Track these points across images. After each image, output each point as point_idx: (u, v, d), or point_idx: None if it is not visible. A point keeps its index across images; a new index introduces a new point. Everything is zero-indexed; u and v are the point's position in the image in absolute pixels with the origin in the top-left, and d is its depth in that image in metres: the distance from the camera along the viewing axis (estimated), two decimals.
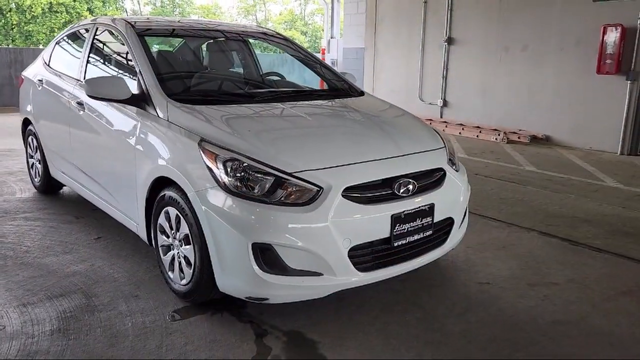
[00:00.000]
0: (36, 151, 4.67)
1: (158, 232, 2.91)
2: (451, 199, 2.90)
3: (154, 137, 2.87)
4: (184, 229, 2.65)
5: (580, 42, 7.70)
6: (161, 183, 2.82)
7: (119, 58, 3.63)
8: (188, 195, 2.54)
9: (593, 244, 3.78)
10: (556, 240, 3.86)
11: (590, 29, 7.51)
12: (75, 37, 4.31)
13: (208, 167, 2.48)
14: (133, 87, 3.06)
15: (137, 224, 3.15)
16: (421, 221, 2.69)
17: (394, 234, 2.58)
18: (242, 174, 2.42)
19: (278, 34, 4.34)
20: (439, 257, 2.94)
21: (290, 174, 2.42)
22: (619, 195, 5.21)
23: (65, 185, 4.66)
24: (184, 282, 2.74)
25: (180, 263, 2.77)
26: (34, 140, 4.65)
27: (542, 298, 2.93)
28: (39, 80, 4.41)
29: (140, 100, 3.03)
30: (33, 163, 4.83)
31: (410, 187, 2.65)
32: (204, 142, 2.57)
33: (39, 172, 4.70)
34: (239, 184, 2.41)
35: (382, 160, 2.69)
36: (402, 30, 10.52)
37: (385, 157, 2.71)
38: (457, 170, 3.00)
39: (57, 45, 4.53)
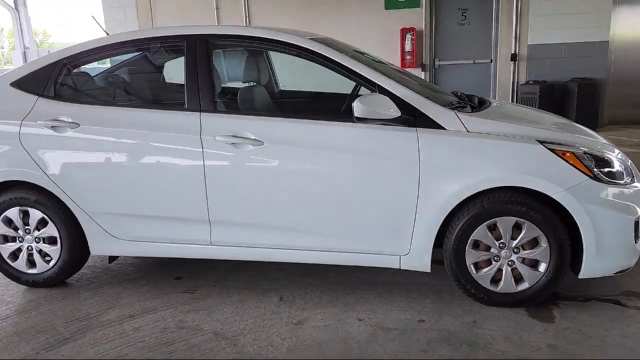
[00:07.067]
0: (36, 229, 3.13)
1: (468, 250, 2.76)
2: None
3: (458, 152, 2.69)
4: (530, 232, 2.68)
5: (380, 43, 9.28)
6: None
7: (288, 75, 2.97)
8: (553, 196, 2.60)
9: None
10: None
11: (389, 32, 9.16)
12: (128, 56, 3.11)
13: (570, 164, 2.62)
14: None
15: (402, 254, 2.83)
16: None
17: None
18: (600, 163, 2.68)
19: None
20: None
21: (614, 157, 2.81)
22: None
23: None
24: (523, 286, 2.76)
25: (512, 270, 2.76)
26: (24, 215, 3.12)
27: None
28: (64, 122, 2.98)
29: (409, 117, 2.73)
30: (18, 248, 3.19)
31: None
32: (545, 143, 2.67)
33: (40, 257, 3.17)
34: (603, 172, 2.66)
35: None
36: None
37: None
38: None
39: (72, 69, 3.13)
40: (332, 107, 3.16)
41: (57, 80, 3.10)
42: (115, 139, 2.96)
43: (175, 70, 3.98)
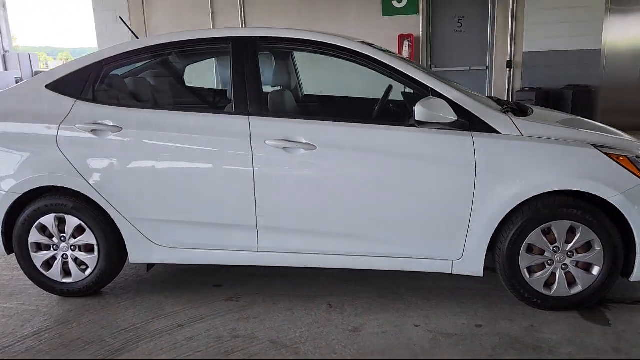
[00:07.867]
0: (72, 237, 3.02)
1: (522, 254, 2.76)
2: None
3: (514, 156, 2.69)
4: (585, 236, 2.70)
5: None
6: None
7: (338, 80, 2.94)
8: (609, 199, 2.63)
9: None
10: None
11: (386, 38, 9.20)
12: (170, 59, 3.04)
13: (625, 168, 2.65)
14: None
15: (454, 259, 2.82)
16: None
17: None
18: None
19: None
20: None
21: None
22: None
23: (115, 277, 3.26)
24: (576, 290, 2.77)
25: (566, 274, 2.77)
26: (59, 223, 3.01)
27: None
28: (105, 125, 2.89)
29: (465, 121, 2.73)
30: (52, 257, 3.07)
31: None
32: (600, 147, 2.69)
33: (76, 265, 3.06)
34: None
35: None
36: None
37: None
38: None
39: (110, 72, 3.03)
40: (375, 111, 3.15)
41: (95, 82, 3.00)
42: (159, 143, 2.88)
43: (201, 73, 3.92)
